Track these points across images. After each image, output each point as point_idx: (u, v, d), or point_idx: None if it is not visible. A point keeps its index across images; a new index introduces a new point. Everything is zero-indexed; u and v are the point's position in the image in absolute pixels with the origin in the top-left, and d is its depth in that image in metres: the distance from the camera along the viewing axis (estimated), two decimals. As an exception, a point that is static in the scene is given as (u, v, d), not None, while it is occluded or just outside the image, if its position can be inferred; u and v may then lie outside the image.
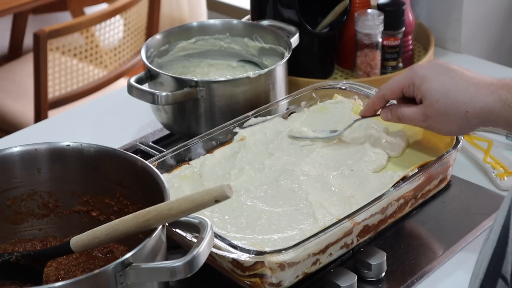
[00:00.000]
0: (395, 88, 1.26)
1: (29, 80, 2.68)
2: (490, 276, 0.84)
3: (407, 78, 1.24)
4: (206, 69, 1.61)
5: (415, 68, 1.24)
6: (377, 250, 1.16)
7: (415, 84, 1.22)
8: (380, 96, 1.29)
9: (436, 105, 1.19)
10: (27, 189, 1.15)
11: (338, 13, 1.65)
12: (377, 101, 1.30)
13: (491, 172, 1.39)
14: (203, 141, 1.33)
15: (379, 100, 1.29)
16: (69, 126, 1.64)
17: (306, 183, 1.24)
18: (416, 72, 1.23)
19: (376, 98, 1.29)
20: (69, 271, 1.09)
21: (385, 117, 1.29)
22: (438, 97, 1.19)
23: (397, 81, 1.26)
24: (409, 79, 1.23)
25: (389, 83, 1.27)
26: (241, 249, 1.06)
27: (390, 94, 1.27)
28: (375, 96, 1.30)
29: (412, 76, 1.23)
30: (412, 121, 1.25)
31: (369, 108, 1.31)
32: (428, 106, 1.21)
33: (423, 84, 1.21)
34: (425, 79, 1.21)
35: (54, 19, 3.57)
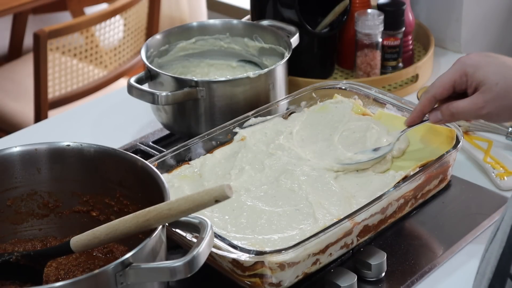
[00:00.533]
0: (445, 84, 1.22)
1: (29, 80, 2.68)
2: (499, 276, 0.84)
3: (457, 70, 1.20)
4: (206, 69, 1.61)
5: (462, 59, 1.21)
6: (377, 250, 1.16)
7: (468, 73, 1.19)
8: (430, 98, 1.23)
9: (495, 88, 1.17)
10: (27, 189, 1.15)
11: (338, 13, 1.65)
12: (427, 103, 1.24)
13: (491, 172, 1.39)
14: (203, 141, 1.33)
15: (429, 102, 1.24)
16: (69, 126, 1.64)
17: (306, 183, 1.24)
18: (466, 62, 1.20)
19: (426, 101, 1.24)
20: (69, 271, 1.09)
21: (435, 119, 1.24)
22: (497, 80, 1.17)
23: (446, 77, 1.22)
24: (460, 71, 1.20)
25: (437, 82, 1.22)
26: (241, 249, 1.06)
27: (441, 91, 1.22)
28: (423, 99, 1.24)
29: (463, 67, 1.20)
30: (468, 113, 1.21)
31: (418, 113, 1.26)
32: (487, 91, 1.17)
33: (477, 71, 1.18)
34: (478, 66, 1.19)
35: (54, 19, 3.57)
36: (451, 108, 1.22)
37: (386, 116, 1.40)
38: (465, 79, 1.20)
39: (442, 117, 1.23)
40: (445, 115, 1.23)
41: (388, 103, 1.41)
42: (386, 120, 1.39)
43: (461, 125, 1.46)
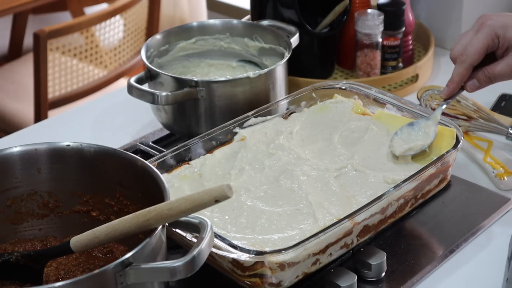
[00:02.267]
0: (480, 50, 1.22)
1: (29, 80, 2.68)
2: None
3: (488, 34, 1.21)
4: (206, 69, 1.61)
5: (489, 23, 1.22)
6: (377, 250, 1.16)
7: (499, 35, 1.21)
8: (468, 66, 1.24)
9: None
10: (27, 189, 1.15)
11: (338, 13, 1.66)
12: (466, 72, 1.25)
13: (491, 172, 1.39)
14: (203, 141, 1.33)
15: (467, 71, 1.25)
16: (69, 126, 1.64)
17: (306, 183, 1.24)
18: (494, 24, 1.22)
19: (464, 70, 1.25)
20: (69, 271, 1.09)
21: (473, 87, 1.26)
22: None
23: (478, 42, 1.22)
24: (491, 34, 1.21)
25: (470, 49, 1.23)
26: (241, 249, 1.06)
27: (478, 58, 1.23)
28: (461, 69, 1.25)
29: (492, 29, 1.21)
30: (505, 75, 1.23)
31: (457, 84, 1.27)
32: None
33: (508, 32, 1.20)
34: (507, 27, 1.21)
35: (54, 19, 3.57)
36: (488, 73, 1.23)
37: (386, 116, 1.40)
38: (497, 41, 1.22)
39: (479, 84, 1.25)
40: (482, 81, 1.25)
41: (388, 103, 1.41)
42: (386, 120, 1.39)
43: (461, 125, 1.46)
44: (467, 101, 1.48)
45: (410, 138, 1.29)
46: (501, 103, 1.59)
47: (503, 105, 1.59)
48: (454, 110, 1.48)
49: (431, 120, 1.30)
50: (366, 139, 1.34)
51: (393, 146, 1.28)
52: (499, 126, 1.46)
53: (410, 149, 1.27)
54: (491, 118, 1.47)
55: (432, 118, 1.30)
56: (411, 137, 1.29)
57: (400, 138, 1.28)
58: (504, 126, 1.46)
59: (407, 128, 1.30)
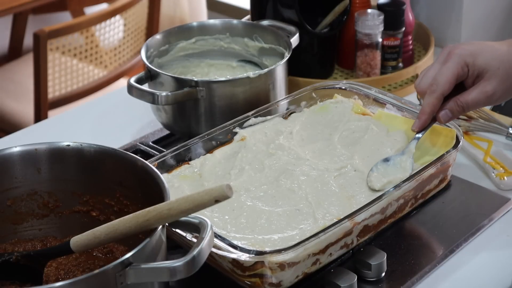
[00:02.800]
0: (450, 79, 1.21)
1: (29, 80, 2.68)
2: None
3: (458, 63, 1.21)
4: (206, 69, 1.61)
5: (457, 51, 1.22)
6: (377, 250, 1.16)
7: (468, 64, 1.21)
8: (439, 96, 1.22)
9: (498, 72, 1.20)
10: (27, 189, 1.14)
11: (338, 13, 1.66)
12: (437, 102, 1.23)
13: (491, 172, 1.39)
14: (203, 141, 1.33)
15: (438, 101, 1.23)
16: (69, 126, 1.64)
17: (306, 183, 1.24)
18: (462, 52, 1.21)
19: (435, 100, 1.22)
20: (69, 271, 1.09)
21: (446, 118, 1.24)
22: (497, 65, 1.20)
23: (447, 71, 1.21)
24: (461, 63, 1.21)
25: (440, 79, 1.21)
26: (241, 249, 1.06)
27: (449, 87, 1.22)
28: (432, 99, 1.22)
29: (462, 58, 1.21)
30: (479, 103, 1.22)
31: (428, 115, 1.24)
32: (491, 77, 1.20)
33: (477, 59, 1.20)
34: (475, 54, 1.21)
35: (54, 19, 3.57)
36: (460, 103, 1.22)
37: (386, 116, 1.40)
38: (466, 69, 1.21)
39: (452, 114, 1.24)
40: (455, 111, 1.23)
41: (388, 103, 1.41)
42: (386, 120, 1.39)
43: (461, 125, 1.46)
44: (467, 101, 1.48)
45: (387, 172, 1.25)
46: (501, 103, 1.59)
47: (503, 105, 1.59)
48: (454, 110, 1.48)
49: (406, 155, 1.27)
50: (366, 139, 1.34)
51: (371, 181, 1.24)
52: (499, 126, 1.46)
53: (389, 182, 1.23)
54: (491, 118, 1.47)
55: (407, 152, 1.27)
56: (388, 172, 1.26)
57: (378, 174, 1.25)
58: (504, 126, 1.46)
59: (382, 164, 1.26)
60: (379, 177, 1.24)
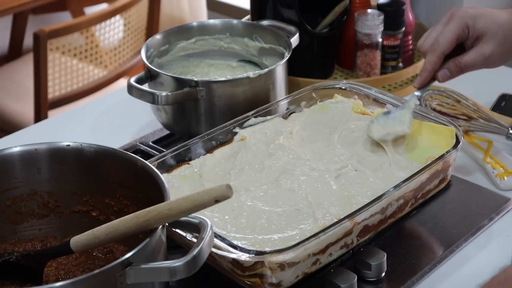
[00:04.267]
0: (451, 39, 1.27)
1: (29, 80, 2.68)
2: None
3: (459, 24, 1.26)
4: (206, 69, 1.61)
5: (459, 14, 1.27)
6: (377, 250, 1.17)
7: (469, 25, 1.26)
8: (440, 55, 1.28)
9: (497, 36, 1.25)
10: (27, 189, 1.15)
11: (338, 13, 1.66)
12: (438, 60, 1.29)
13: (491, 172, 1.39)
14: (203, 141, 1.33)
15: (439, 59, 1.29)
16: (69, 126, 1.64)
17: (306, 183, 1.24)
18: (464, 15, 1.27)
19: (436, 58, 1.29)
20: (69, 271, 1.09)
21: (444, 77, 1.30)
22: (496, 29, 1.25)
23: (450, 32, 1.27)
24: (462, 24, 1.26)
25: (442, 39, 1.27)
26: (241, 249, 1.06)
27: (449, 46, 1.28)
28: (433, 58, 1.28)
29: (463, 20, 1.26)
30: (476, 64, 1.28)
31: (429, 73, 1.30)
32: (490, 40, 1.25)
33: (477, 22, 1.25)
34: (476, 17, 1.26)
35: (54, 19, 3.57)
36: (459, 63, 1.28)
37: (386, 116, 1.40)
38: (467, 31, 1.27)
39: (450, 74, 1.29)
40: (453, 71, 1.29)
41: (388, 103, 1.41)
42: (386, 120, 1.39)
43: (461, 125, 1.46)
44: (467, 101, 1.48)
45: (386, 125, 1.31)
46: (501, 103, 1.59)
47: (503, 105, 1.59)
48: (454, 110, 1.48)
49: (405, 109, 1.32)
50: (366, 139, 1.34)
51: (371, 132, 1.30)
52: (499, 126, 1.46)
53: (388, 134, 1.29)
54: (491, 118, 1.47)
55: (407, 107, 1.33)
56: (387, 124, 1.31)
57: (377, 125, 1.30)
58: (504, 126, 1.46)
59: (382, 117, 1.32)
60: (379, 128, 1.28)
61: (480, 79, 1.62)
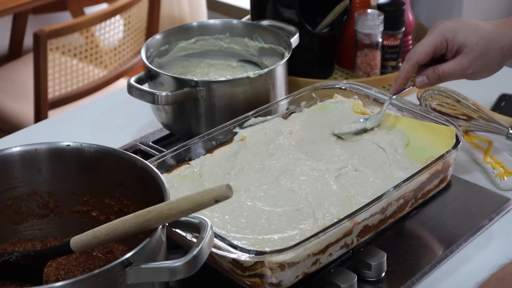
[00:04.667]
0: (427, 50, 1.29)
1: (29, 80, 2.68)
2: None
3: (437, 36, 1.29)
4: (206, 69, 1.61)
5: (440, 27, 1.29)
6: (377, 250, 1.16)
7: (448, 39, 1.28)
8: (413, 63, 1.31)
9: (477, 48, 1.27)
10: (27, 189, 1.15)
11: (338, 13, 1.66)
12: (411, 69, 1.31)
13: (491, 172, 1.39)
14: (203, 141, 1.33)
15: (412, 68, 1.31)
16: (69, 126, 1.64)
17: (306, 183, 1.24)
18: (444, 29, 1.29)
19: (409, 67, 1.31)
20: (69, 271, 1.09)
21: (422, 83, 1.32)
22: (476, 41, 1.27)
23: (427, 43, 1.29)
24: (440, 37, 1.29)
25: (419, 48, 1.30)
26: (241, 249, 1.06)
27: (424, 57, 1.30)
28: (406, 66, 1.31)
29: (442, 33, 1.29)
30: (454, 74, 1.29)
31: (403, 80, 1.33)
32: (469, 52, 1.27)
33: (457, 35, 1.27)
34: (456, 31, 1.28)
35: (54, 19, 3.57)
36: (437, 71, 1.30)
37: (386, 116, 1.40)
38: (445, 44, 1.29)
39: (428, 81, 1.32)
40: (431, 78, 1.31)
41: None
42: (386, 120, 1.39)
43: (461, 125, 1.46)
44: (467, 101, 1.48)
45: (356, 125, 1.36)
46: (501, 103, 1.59)
47: (503, 105, 1.59)
48: (454, 110, 1.48)
49: (379, 114, 1.36)
50: (366, 139, 1.34)
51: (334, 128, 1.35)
52: (499, 126, 1.46)
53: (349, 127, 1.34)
54: (491, 118, 1.47)
55: (380, 111, 1.37)
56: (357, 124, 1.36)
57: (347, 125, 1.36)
58: (504, 126, 1.46)
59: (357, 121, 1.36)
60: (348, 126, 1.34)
61: (480, 79, 1.61)
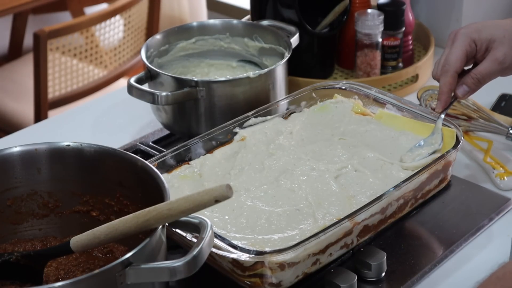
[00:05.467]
0: (461, 56, 1.28)
1: (29, 80, 2.68)
2: None
3: (464, 41, 1.27)
4: (206, 69, 1.61)
5: (462, 32, 1.28)
6: (377, 250, 1.16)
7: (475, 39, 1.27)
8: (453, 74, 1.28)
9: (505, 39, 1.26)
10: (27, 189, 1.15)
11: (338, 13, 1.66)
12: (452, 80, 1.29)
13: (491, 172, 1.39)
14: (203, 141, 1.33)
15: (454, 79, 1.29)
16: (69, 126, 1.64)
17: (306, 183, 1.24)
18: (467, 31, 1.28)
19: (451, 79, 1.28)
20: (69, 271, 1.09)
21: (464, 93, 1.30)
22: (503, 33, 1.26)
23: (458, 50, 1.27)
24: (468, 39, 1.27)
25: (452, 58, 1.28)
26: (241, 249, 1.06)
27: (460, 65, 1.28)
28: (447, 78, 1.28)
29: (468, 36, 1.27)
30: (492, 72, 1.28)
31: (448, 94, 1.30)
32: (500, 45, 1.26)
33: (482, 33, 1.27)
34: (479, 30, 1.27)
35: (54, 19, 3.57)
36: (474, 75, 1.28)
37: (386, 116, 1.40)
38: (474, 45, 1.28)
39: (469, 88, 1.29)
40: (471, 84, 1.29)
41: (388, 103, 1.41)
42: (386, 120, 1.39)
43: (461, 125, 1.46)
44: (467, 101, 1.48)
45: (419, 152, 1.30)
46: (501, 103, 1.59)
47: (503, 105, 1.59)
48: (454, 110, 1.48)
49: (435, 134, 1.31)
50: (366, 139, 1.34)
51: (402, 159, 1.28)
52: (499, 126, 1.46)
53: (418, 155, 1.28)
54: (491, 118, 1.47)
55: (436, 130, 1.31)
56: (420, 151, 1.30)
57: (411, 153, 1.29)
58: (504, 126, 1.46)
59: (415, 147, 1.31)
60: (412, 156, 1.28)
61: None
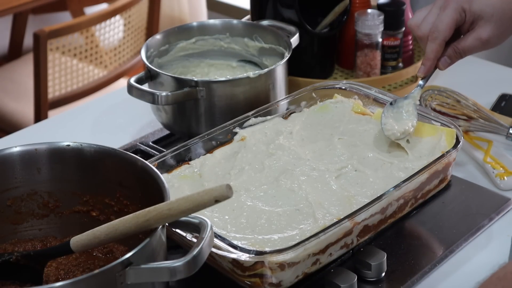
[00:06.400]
0: (450, 24, 1.27)
1: (29, 80, 2.68)
2: None
3: (455, 9, 1.27)
4: (206, 69, 1.61)
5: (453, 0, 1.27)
6: (377, 250, 1.16)
7: (465, 9, 1.26)
8: (441, 42, 1.28)
9: (492, 19, 1.26)
10: (27, 189, 1.14)
11: (338, 13, 1.65)
12: (440, 48, 1.29)
13: (491, 172, 1.39)
14: (203, 141, 1.33)
15: (441, 47, 1.29)
16: (69, 126, 1.64)
17: (306, 183, 1.24)
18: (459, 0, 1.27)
19: (438, 46, 1.29)
20: (69, 271, 1.09)
21: (445, 64, 1.30)
22: (492, 11, 1.26)
23: (447, 17, 1.27)
24: (457, 8, 1.27)
25: (441, 25, 1.27)
26: (241, 249, 1.07)
27: (449, 33, 1.28)
28: (435, 46, 1.28)
29: (459, 4, 1.27)
30: (474, 48, 1.28)
31: (433, 61, 1.30)
32: (486, 23, 1.26)
33: (473, 5, 1.26)
34: (471, 1, 1.26)
35: (54, 19, 3.57)
36: (457, 49, 1.29)
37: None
38: (464, 15, 1.27)
39: (450, 60, 1.30)
40: (453, 57, 1.30)
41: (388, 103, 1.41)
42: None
43: (461, 125, 1.46)
44: (467, 101, 1.48)
45: (397, 118, 1.32)
46: (501, 103, 1.59)
47: (503, 105, 1.59)
48: (454, 110, 1.48)
49: (410, 99, 1.33)
50: (366, 139, 1.34)
51: (388, 131, 1.31)
52: (499, 126, 1.46)
53: (403, 133, 1.30)
54: (491, 118, 1.47)
55: (411, 97, 1.34)
56: (397, 117, 1.32)
57: (390, 121, 1.32)
58: (504, 126, 1.46)
59: (390, 108, 1.33)
60: (392, 125, 1.30)
61: (480, 79, 1.62)
